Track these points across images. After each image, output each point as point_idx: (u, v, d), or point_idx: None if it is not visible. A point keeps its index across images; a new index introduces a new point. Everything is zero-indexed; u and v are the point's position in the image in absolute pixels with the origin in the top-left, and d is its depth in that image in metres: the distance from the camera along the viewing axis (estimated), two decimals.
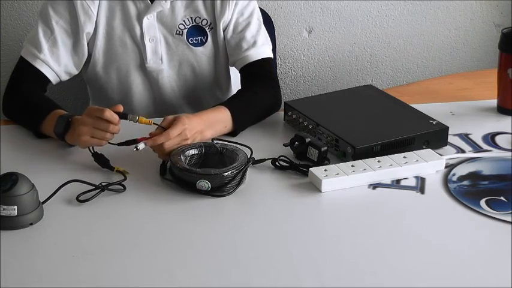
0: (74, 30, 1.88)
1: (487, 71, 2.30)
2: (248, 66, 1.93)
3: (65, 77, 1.91)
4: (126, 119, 1.61)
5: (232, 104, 1.79)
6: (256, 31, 1.95)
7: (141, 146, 1.59)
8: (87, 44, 1.91)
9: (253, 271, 1.31)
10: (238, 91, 1.91)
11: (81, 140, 1.61)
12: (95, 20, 1.89)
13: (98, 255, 1.34)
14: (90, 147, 1.62)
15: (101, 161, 1.62)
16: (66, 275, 1.29)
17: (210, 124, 1.71)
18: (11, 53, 2.55)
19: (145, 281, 1.27)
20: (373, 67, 2.82)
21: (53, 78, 1.88)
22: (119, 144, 1.62)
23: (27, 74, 1.87)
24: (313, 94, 2.75)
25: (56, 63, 1.87)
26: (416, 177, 1.61)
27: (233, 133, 1.77)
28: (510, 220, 1.46)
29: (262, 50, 1.94)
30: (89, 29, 1.89)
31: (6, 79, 1.91)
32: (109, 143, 1.62)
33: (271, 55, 1.97)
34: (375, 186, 1.58)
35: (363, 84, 2.09)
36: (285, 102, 1.88)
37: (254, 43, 1.93)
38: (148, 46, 1.92)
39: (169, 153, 1.60)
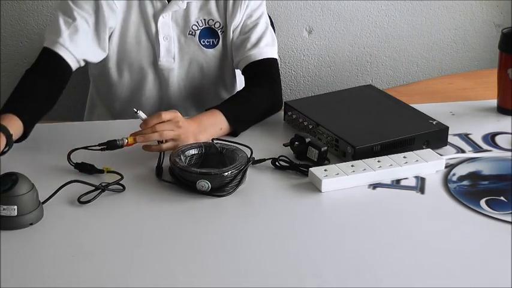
0: (96, 24, 1.87)
1: (487, 71, 2.30)
2: (250, 65, 1.93)
3: (83, 63, 1.88)
4: (116, 144, 1.59)
5: (224, 105, 1.79)
6: (262, 32, 1.96)
7: (141, 114, 1.60)
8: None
9: (253, 271, 1.31)
10: (236, 92, 1.91)
11: None
12: (118, 14, 1.89)
13: (98, 255, 1.34)
14: (70, 160, 1.60)
15: (86, 168, 1.60)
16: (66, 275, 1.29)
17: (204, 127, 1.70)
18: (11, 53, 2.55)
19: (145, 281, 1.27)
20: (373, 67, 2.82)
21: (72, 62, 1.83)
22: (103, 149, 1.60)
23: (45, 61, 1.83)
24: (313, 94, 2.76)
25: (75, 48, 1.83)
26: (416, 177, 1.61)
27: (233, 133, 1.77)
28: (510, 220, 1.46)
29: (265, 50, 1.93)
30: (111, 23, 1.89)
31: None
32: (91, 148, 1.61)
33: (274, 56, 1.96)
34: (375, 186, 1.58)
35: (363, 84, 2.09)
36: (285, 102, 1.88)
37: (257, 43, 1.93)
38: (162, 44, 1.93)
39: (161, 142, 1.60)
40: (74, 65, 1.85)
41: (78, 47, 1.84)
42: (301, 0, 2.67)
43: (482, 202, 1.52)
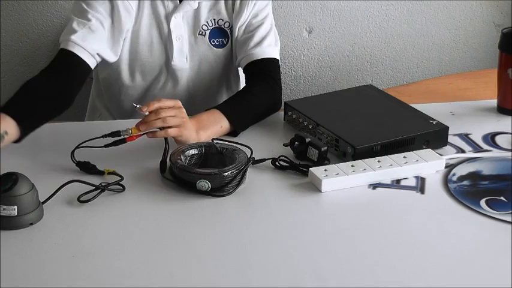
0: (112, 28, 1.86)
1: (487, 71, 2.30)
2: (251, 64, 1.93)
3: (99, 60, 1.86)
4: (120, 136, 1.60)
5: (223, 105, 1.79)
6: (267, 33, 1.96)
7: (139, 106, 1.59)
8: None
9: (253, 271, 1.31)
10: (236, 92, 1.91)
11: None
12: (134, 16, 1.89)
13: (98, 255, 1.34)
14: (73, 158, 1.60)
15: (88, 168, 1.60)
16: (66, 275, 1.29)
17: (203, 125, 1.70)
18: (11, 53, 2.55)
19: (145, 281, 1.27)
20: (373, 67, 2.82)
21: (87, 58, 1.81)
22: (106, 146, 1.61)
23: (58, 59, 1.81)
24: (313, 94, 2.76)
25: (88, 44, 1.81)
26: (416, 177, 1.61)
27: (233, 133, 1.77)
28: (510, 220, 1.46)
29: (267, 50, 1.94)
30: (128, 25, 1.89)
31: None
32: (95, 146, 1.61)
33: (276, 56, 1.97)
34: (375, 186, 1.58)
35: (363, 84, 2.09)
36: (285, 102, 1.88)
37: (260, 43, 1.94)
38: (176, 45, 1.93)
39: (167, 129, 1.59)
40: (90, 61, 1.82)
41: (91, 44, 1.82)
42: (301, 0, 2.67)
43: (482, 202, 1.52)
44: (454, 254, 1.36)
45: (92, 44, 1.82)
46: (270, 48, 1.95)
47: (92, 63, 1.83)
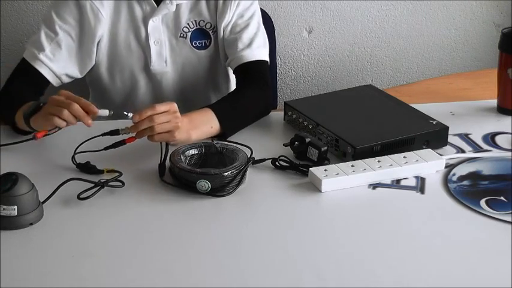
0: (80, 35, 1.87)
1: (487, 71, 2.30)
2: (241, 66, 1.91)
3: (66, 80, 1.89)
4: (118, 134, 1.60)
5: (216, 105, 1.78)
6: (254, 33, 1.94)
7: (130, 114, 1.58)
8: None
9: (253, 271, 1.31)
10: (228, 93, 1.90)
11: (47, 117, 1.56)
12: (105, 22, 1.88)
13: (98, 255, 1.34)
14: (74, 159, 1.61)
15: (88, 168, 1.60)
16: (66, 275, 1.29)
17: (195, 124, 1.68)
18: (11, 53, 2.55)
19: (145, 281, 1.27)
20: (373, 67, 2.82)
21: (52, 79, 1.86)
22: (106, 148, 1.61)
23: (24, 74, 1.84)
24: (313, 94, 2.76)
25: (56, 64, 1.85)
26: (416, 177, 1.61)
27: (222, 136, 1.74)
28: (510, 220, 1.46)
29: (257, 52, 1.92)
30: (100, 32, 1.88)
31: (6, 79, 1.91)
32: (95, 150, 1.61)
33: (266, 58, 1.95)
34: (375, 186, 1.58)
35: (363, 84, 2.09)
36: (285, 102, 1.88)
37: (249, 44, 1.92)
38: (153, 49, 1.92)
39: (161, 133, 1.57)
40: (54, 81, 1.87)
41: (59, 62, 1.85)
42: (301, 0, 2.67)
43: (482, 202, 1.52)
44: (454, 253, 1.36)
45: (60, 62, 1.85)
46: (259, 50, 1.93)
47: (57, 83, 1.87)
